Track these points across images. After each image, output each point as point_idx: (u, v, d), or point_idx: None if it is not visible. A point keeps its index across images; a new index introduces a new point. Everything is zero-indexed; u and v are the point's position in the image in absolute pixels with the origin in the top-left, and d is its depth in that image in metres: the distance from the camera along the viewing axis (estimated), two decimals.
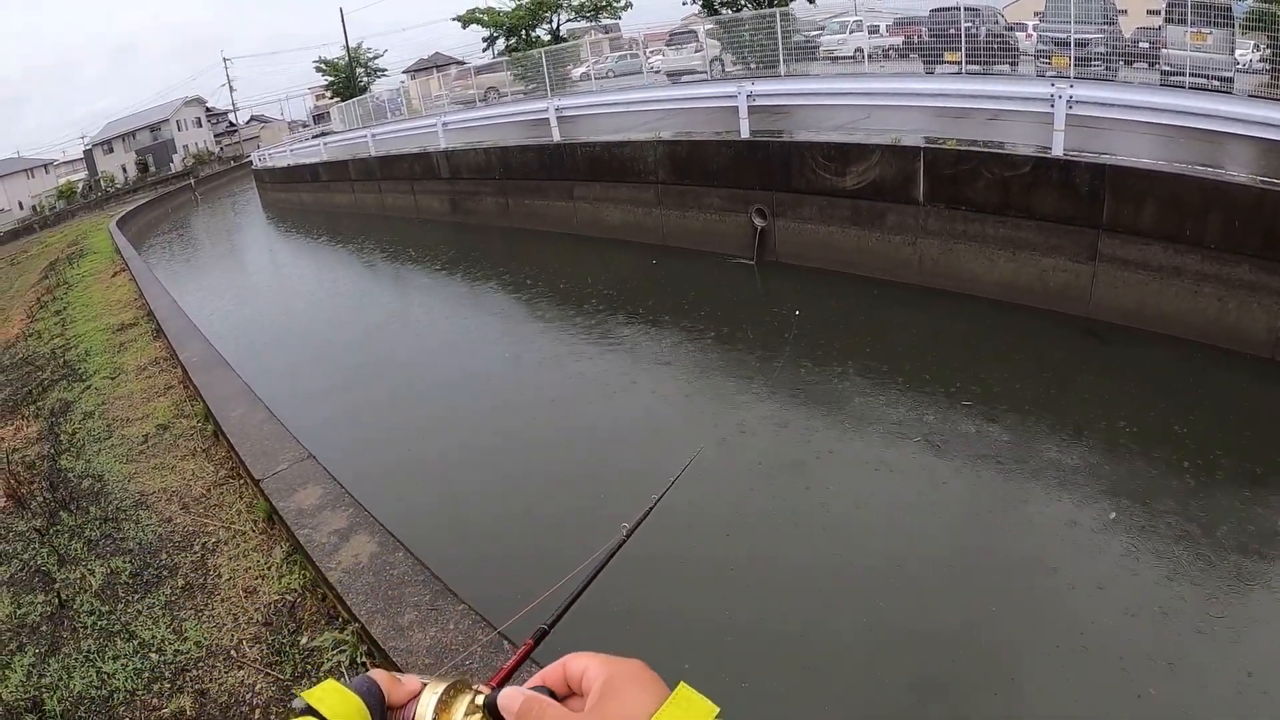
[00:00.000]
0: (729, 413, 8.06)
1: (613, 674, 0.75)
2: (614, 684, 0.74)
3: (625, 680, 0.74)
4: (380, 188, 24.60)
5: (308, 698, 0.82)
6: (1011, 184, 9.51)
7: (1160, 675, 4.41)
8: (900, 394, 8.11)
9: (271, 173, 35.85)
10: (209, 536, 5.41)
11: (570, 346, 10.57)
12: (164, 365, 9.64)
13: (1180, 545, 5.47)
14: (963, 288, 10.24)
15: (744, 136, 12.86)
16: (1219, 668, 4.49)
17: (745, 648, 4.86)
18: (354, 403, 9.92)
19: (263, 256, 25.90)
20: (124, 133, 75.97)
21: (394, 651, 3.54)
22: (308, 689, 0.83)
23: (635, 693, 0.72)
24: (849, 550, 5.84)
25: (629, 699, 0.72)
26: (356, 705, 0.82)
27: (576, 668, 0.78)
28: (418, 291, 16.15)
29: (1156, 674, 4.42)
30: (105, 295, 16.27)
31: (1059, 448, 6.83)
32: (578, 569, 1.28)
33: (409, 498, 7.14)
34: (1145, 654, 4.58)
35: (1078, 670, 4.48)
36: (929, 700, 4.42)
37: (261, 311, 16.57)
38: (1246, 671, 4.40)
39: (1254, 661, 4.47)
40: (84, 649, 4.41)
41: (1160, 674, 4.42)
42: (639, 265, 14.18)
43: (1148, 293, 8.60)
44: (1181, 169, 8.40)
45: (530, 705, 0.75)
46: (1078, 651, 4.62)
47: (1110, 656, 4.55)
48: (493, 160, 18.77)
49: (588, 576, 1.17)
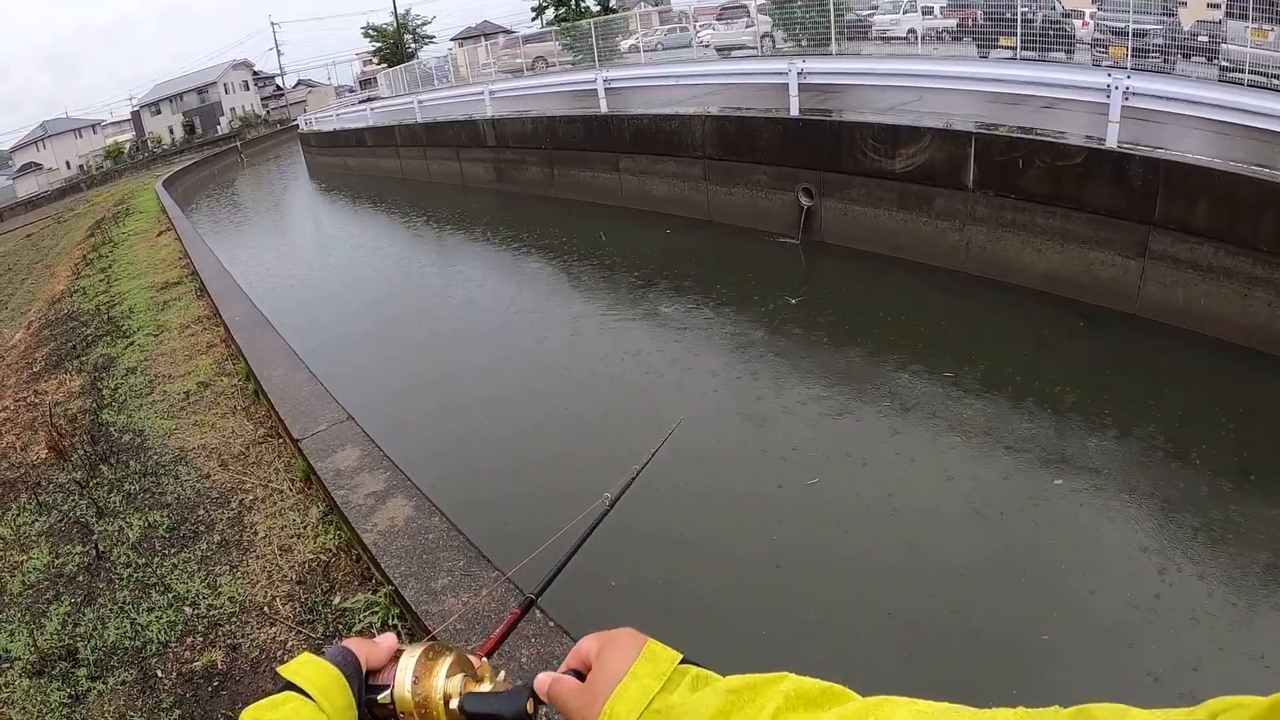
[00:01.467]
0: (772, 393, 8.01)
1: (604, 644, 0.86)
2: (604, 653, 0.85)
3: (612, 647, 0.85)
4: (426, 154, 24.68)
5: (284, 672, 0.89)
6: (1063, 174, 9.29)
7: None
8: (940, 382, 8.00)
9: (318, 136, 36.10)
10: (246, 494, 5.46)
11: (620, 322, 10.57)
12: (206, 324, 9.73)
13: (1222, 552, 5.34)
14: (1008, 277, 10.05)
15: (793, 114, 12.67)
16: None
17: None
18: (395, 368, 10.00)
19: (307, 219, 26.12)
20: (171, 95, 76.84)
21: (426, 615, 3.53)
22: (283, 665, 0.89)
23: (619, 655, 0.83)
24: (871, 537, 5.80)
25: (615, 662, 0.82)
26: (334, 675, 0.90)
27: (584, 650, 0.88)
28: (462, 260, 16.19)
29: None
30: (150, 254, 16.45)
31: (1097, 445, 6.68)
32: (558, 535, 1.31)
33: (447, 464, 7.18)
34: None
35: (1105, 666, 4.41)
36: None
37: (305, 273, 16.72)
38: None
39: None
40: (119, 600, 4.47)
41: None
42: (683, 240, 14.11)
43: (1197, 293, 8.37)
44: (1237, 168, 8.12)
45: (552, 683, 0.87)
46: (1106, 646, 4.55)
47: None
48: (539, 130, 18.74)
49: (571, 547, 1.21)
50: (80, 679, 3.88)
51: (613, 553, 5.14)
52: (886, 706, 0.68)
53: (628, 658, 0.82)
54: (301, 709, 0.87)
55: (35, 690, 3.84)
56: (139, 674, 3.89)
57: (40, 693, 3.83)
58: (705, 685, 0.78)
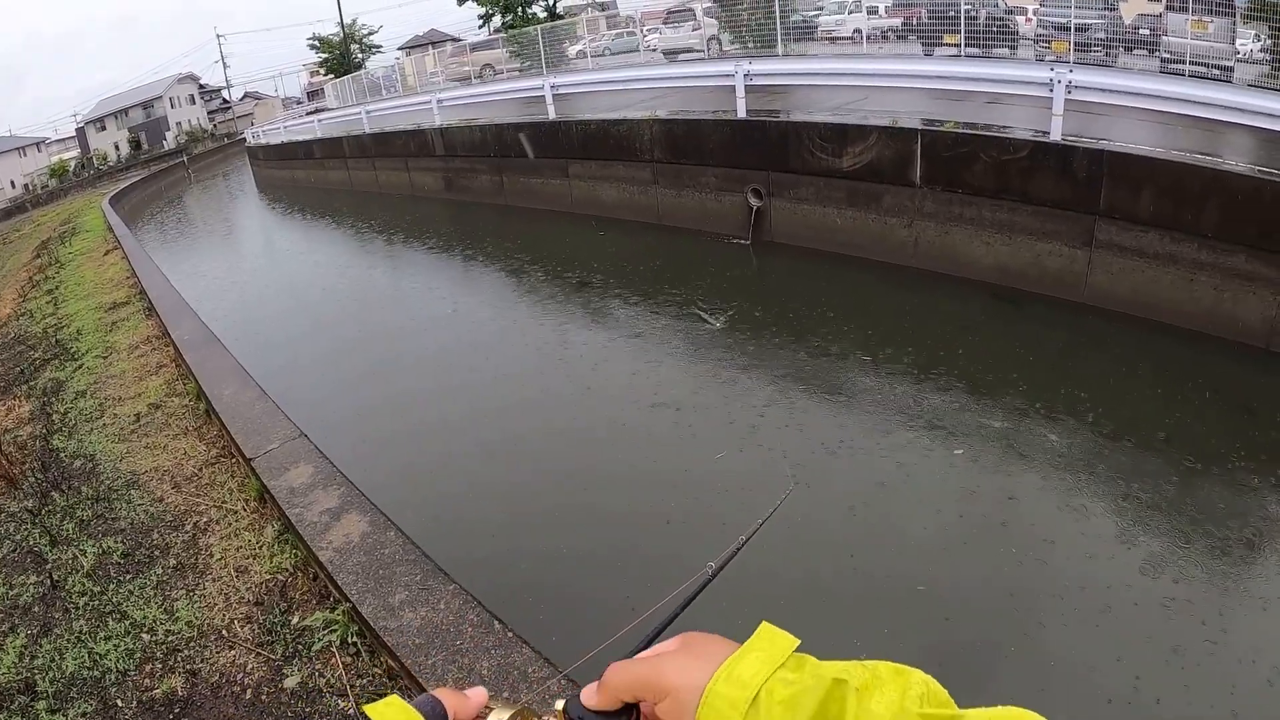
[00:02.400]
0: (740, 397, 8.08)
1: (695, 638, 0.79)
2: (699, 641, 0.78)
3: (709, 640, 0.78)
4: (375, 165, 24.45)
5: (370, 711, 0.82)
6: (1009, 168, 9.47)
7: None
8: (890, 375, 8.12)
9: (265, 150, 35.63)
10: (201, 516, 5.40)
11: (563, 324, 10.57)
12: (156, 344, 9.59)
13: (1172, 532, 5.49)
14: (959, 271, 10.23)
15: (741, 116, 12.77)
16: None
17: None
18: (347, 381, 9.92)
19: (256, 234, 25.78)
20: (116, 110, 75.38)
21: (384, 631, 3.54)
22: (370, 703, 0.82)
23: (715, 642, 0.76)
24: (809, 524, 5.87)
25: (718, 645, 0.76)
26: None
27: (665, 649, 0.81)
28: (411, 268, 16.10)
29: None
30: (97, 274, 16.18)
31: (1054, 432, 6.82)
32: (658, 605, 1.26)
33: (400, 477, 7.16)
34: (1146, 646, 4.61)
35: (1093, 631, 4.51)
36: None
37: (254, 289, 16.51)
38: (1251, 659, 4.44)
39: (1253, 645, 4.51)
40: (76, 630, 4.40)
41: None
42: (633, 244, 14.15)
43: (1143, 280, 8.59)
44: (1180, 157, 8.35)
45: (619, 667, 0.80)
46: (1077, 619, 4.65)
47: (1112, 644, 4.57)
48: (488, 138, 18.67)
49: (670, 615, 1.13)
50: (39, 712, 3.80)
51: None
52: None
53: (730, 645, 0.75)
54: None
55: None
56: (99, 704, 3.83)
57: None
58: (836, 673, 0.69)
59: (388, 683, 3.60)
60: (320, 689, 3.68)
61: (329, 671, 3.76)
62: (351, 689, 3.62)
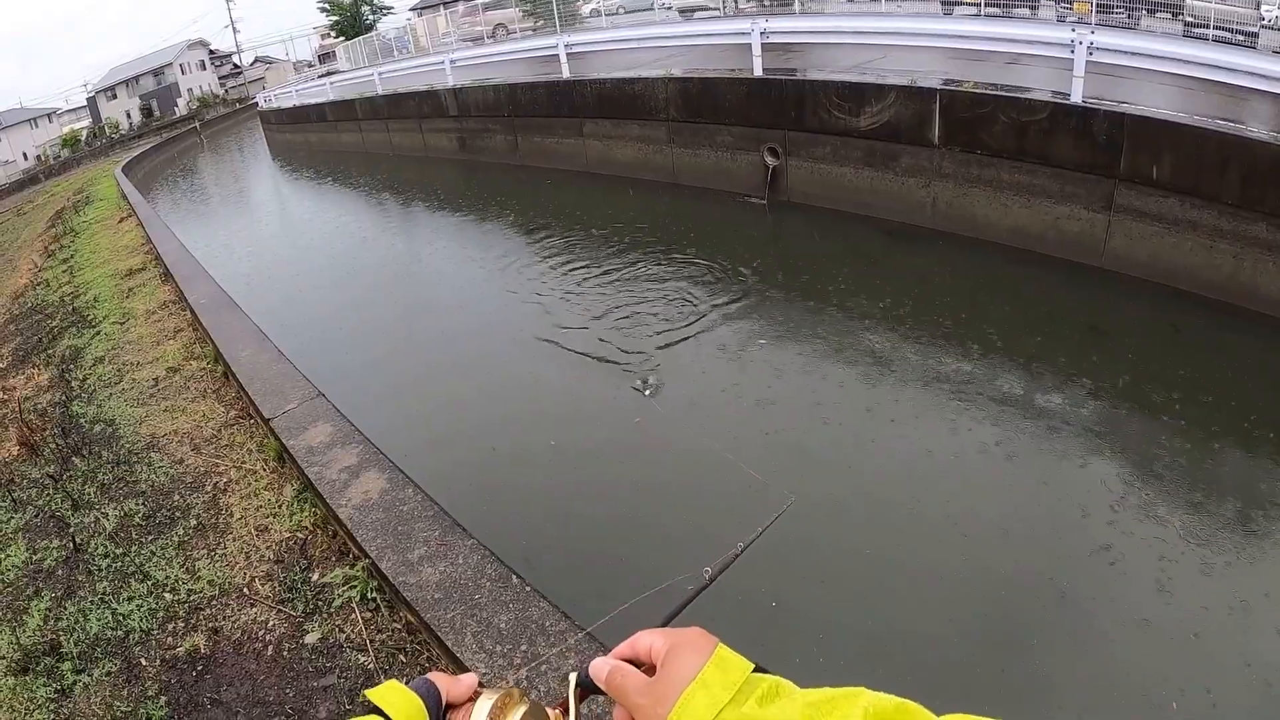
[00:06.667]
0: (739, 353, 8.04)
1: (674, 643, 0.86)
2: (676, 651, 0.84)
3: (682, 647, 0.84)
4: (388, 127, 24.34)
5: (371, 695, 0.91)
6: (1028, 129, 9.32)
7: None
8: (904, 337, 8.07)
9: (277, 114, 35.54)
10: (220, 476, 5.43)
11: (581, 286, 10.48)
12: (172, 309, 9.62)
13: (1189, 501, 5.47)
14: (976, 232, 10.12)
15: (757, 74, 12.59)
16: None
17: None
18: (363, 341, 9.94)
19: (269, 197, 25.77)
20: (127, 78, 75.30)
21: (404, 586, 3.55)
22: (371, 689, 0.92)
23: (690, 656, 0.82)
24: (837, 486, 5.84)
25: (685, 662, 0.82)
26: (416, 704, 0.92)
27: (644, 644, 0.89)
28: (428, 232, 16.03)
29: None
30: (112, 241, 16.22)
31: (1066, 399, 6.78)
32: (644, 595, 1.31)
33: (418, 435, 7.19)
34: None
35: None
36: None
37: (269, 252, 16.54)
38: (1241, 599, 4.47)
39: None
40: (99, 591, 4.45)
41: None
42: (649, 203, 14.05)
43: (1162, 246, 8.47)
44: (1202, 122, 8.17)
45: (614, 672, 0.88)
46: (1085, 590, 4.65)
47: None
48: (501, 97, 18.52)
49: (665, 617, 1.15)
50: (65, 673, 3.87)
51: None
52: None
53: (698, 660, 0.81)
54: None
55: (21, 688, 3.83)
56: (123, 664, 3.89)
57: (26, 690, 3.81)
58: (777, 698, 0.77)
59: (407, 637, 3.62)
60: (341, 644, 3.70)
61: (349, 627, 3.78)
62: (371, 644, 3.63)
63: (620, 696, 0.87)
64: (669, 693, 0.80)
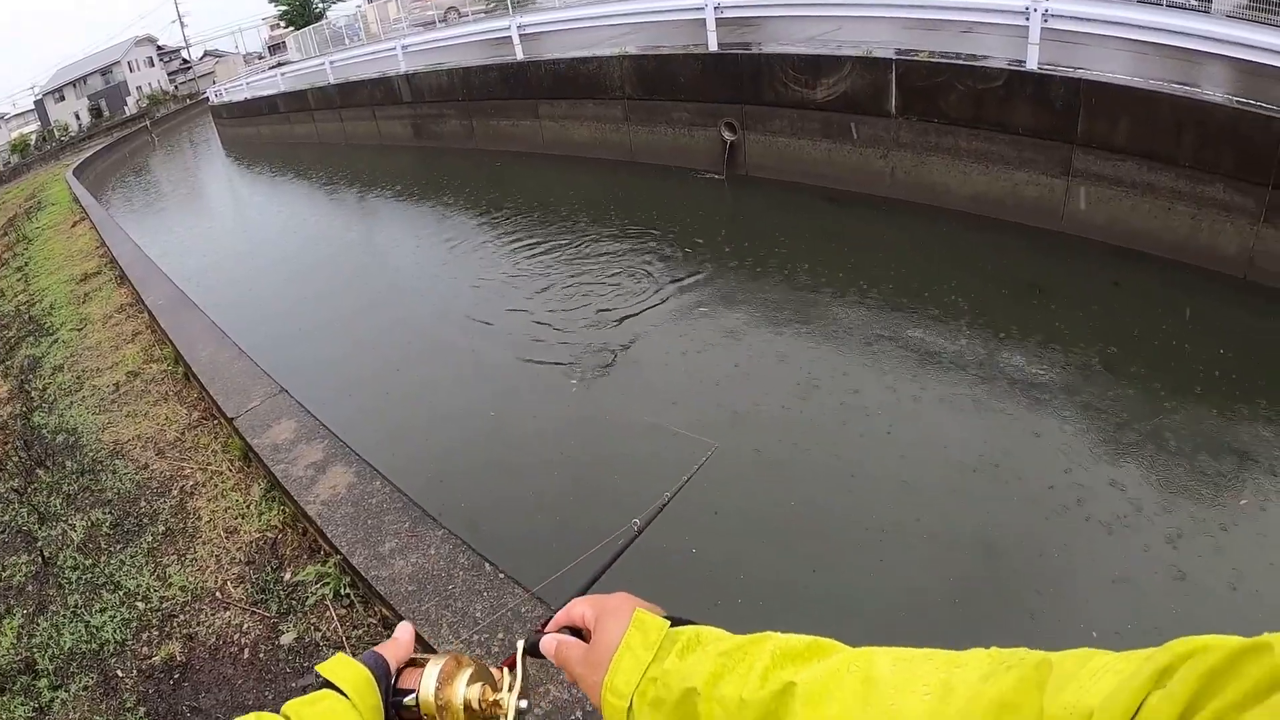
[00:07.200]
0: (698, 321, 8.02)
1: (599, 611, 0.93)
2: (602, 620, 0.92)
3: (608, 616, 0.92)
4: (341, 115, 23.98)
5: (321, 669, 0.97)
6: (985, 97, 9.36)
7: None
8: (866, 306, 8.09)
9: (229, 108, 34.91)
10: (186, 480, 5.37)
11: (537, 267, 10.42)
12: (130, 311, 9.46)
13: (1148, 458, 5.54)
14: (935, 200, 10.18)
15: (712, 49, 12.53)
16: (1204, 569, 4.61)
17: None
18: (324, 333, 9.82)
19: (223, 194, 25.37)
20: (75, 79, 73.70)
21: (376, 580, 3.53)
22: (321, 662, 0.97)
23: (614, 623, 0.90)
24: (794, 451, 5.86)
25: (611, 629, 0.90)
26: (365, 676, 0.98)
27: (577, 613, 0.96)
28: (382, 218, 15.89)
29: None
30: (66, 246, 15.90)
31: (1029, 361, 6.84)
32: (580, 559, 1.39)
33: (383, 426, 7.12)
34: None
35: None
36: None
37: (226, 249, 16.28)
38: (1232, 568, 4.54)
39: (1238, 563, 4.60)
40: (71, 604, 4.40)
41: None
42: (606, 182, 14.01)
43: (1121, 209, 8.57)
44: (1157, 86, 8.26)
45: (559, 646, 0.96)
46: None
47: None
48: (455, 82, 18.33)
49: (594, 573, 1.22)
50: (42, 690, 3.83)
51: None
52: (868, 655, 0.73)
53: (621, 626, 0.88)
54: (337, 705, 0.93)
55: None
56: (100, 677, 3.86)
57: (4, 710, 3.77)
58: (695, 649, 0.83)
59: (384, 631, 3.58)
60: (317, 643, 3.67)
61: (324, 625, 3.75)
62: (348, 640, 3.61)
63: (565, 667, 0.94)
64: (601, 660, 0.87)
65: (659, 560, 4.41)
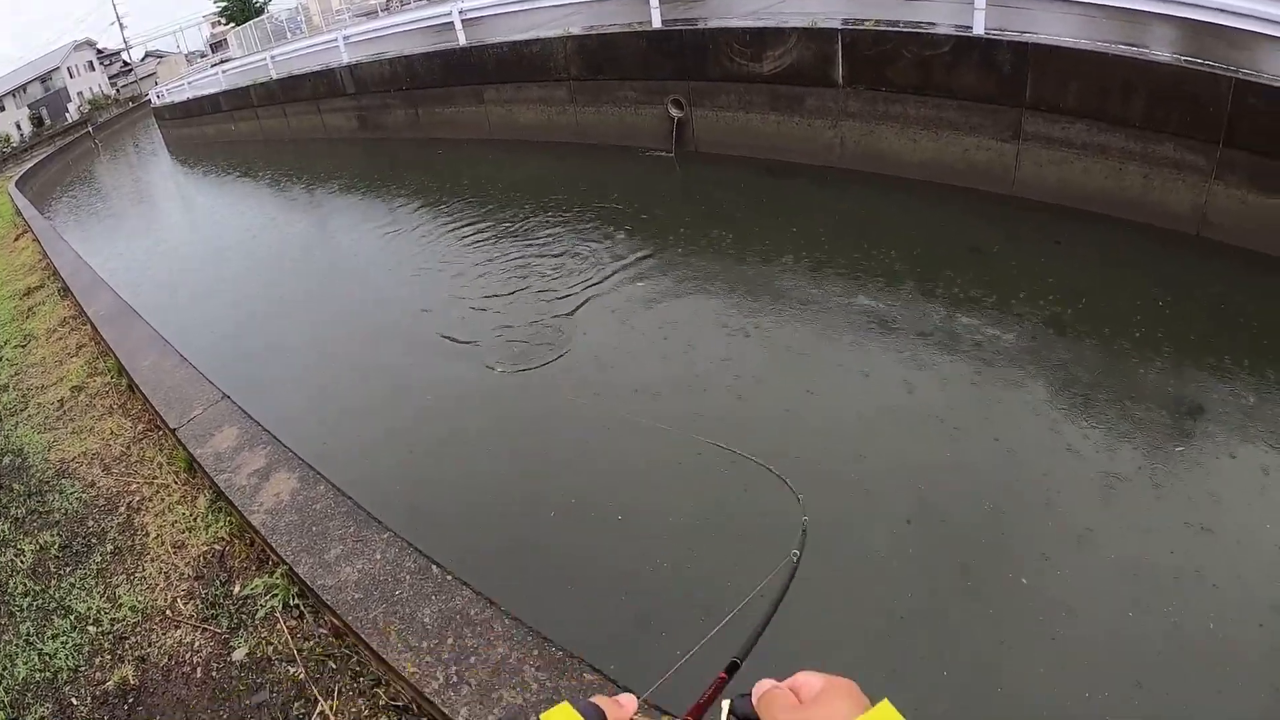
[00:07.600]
0: (659, 303, 7.94)
1: (828, 686, 0.89)
2: (828, 692, 0.88)
3: (836, 692, 0.88)
4: (285, 111, 23.53)
5: (544, 718, 0.93)
6: (932, 64, 9.34)
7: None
8: (822, 276, 8.07)
9: (171, 109, 34.21)
10: (133, 495, 5.26)
11: (479, 253, 10.28)
12: (73, 324, 9.26)
13: (1109, 416, 5.57)
14: (886, 169, 10.17)
15: (656, 26, 12.38)
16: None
17: None
18: (268, 336, 9.54)
19: (170, 198, 24.80)
20: (13, 88, 71.83)
21: (323, 590, 3.45)
22: (546, 710, 0.93)
23: (843, 701, 0.86)
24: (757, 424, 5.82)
25: (838, 704, 0.85)
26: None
27: (802, 680, 0.93)
28: (329, 215, 15.52)
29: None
30: (9, 261, 15.55)
31: (986, 322, 6.85)
32: (750, 596, 1.38)
33: (325, 426, 6.91)
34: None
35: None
36: None
37: (170, 254, 15.85)
38: (1184, 522, 4.57)
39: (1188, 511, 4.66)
40: (23, 633, 4.31)
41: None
42: (554, 164, 13.90)
43: (1072, 171, 8.61)
44: (1104, 48, 8.26)
45: (770, 693, 0.93)
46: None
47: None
48: (398, 71, 18.06)
49: (770, 608, 1.21)
50: None
51: None
52: None
53: (855, 707, 0.84)
54: None
55: None
56: (55, 706, 3.77)
57: None
58: None
59: (335, 642, 3.52)
60: (269, 657, 3.59)
61: (275, 639, 3.67)
62: (300, 653, 3.53)
63: (765, 710, 0.91)
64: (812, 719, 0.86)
65: None
